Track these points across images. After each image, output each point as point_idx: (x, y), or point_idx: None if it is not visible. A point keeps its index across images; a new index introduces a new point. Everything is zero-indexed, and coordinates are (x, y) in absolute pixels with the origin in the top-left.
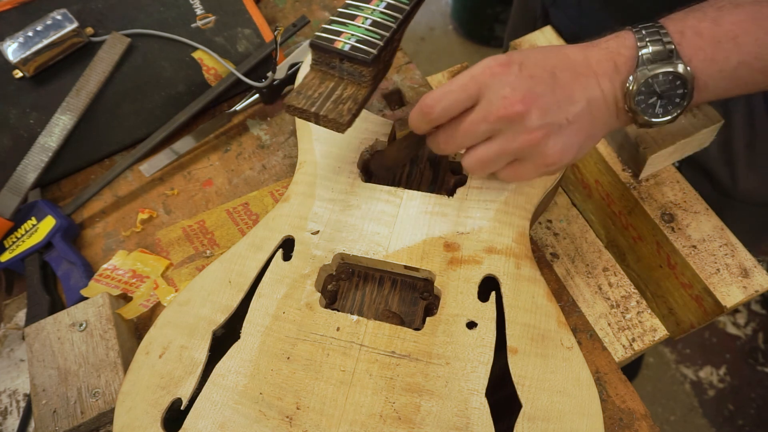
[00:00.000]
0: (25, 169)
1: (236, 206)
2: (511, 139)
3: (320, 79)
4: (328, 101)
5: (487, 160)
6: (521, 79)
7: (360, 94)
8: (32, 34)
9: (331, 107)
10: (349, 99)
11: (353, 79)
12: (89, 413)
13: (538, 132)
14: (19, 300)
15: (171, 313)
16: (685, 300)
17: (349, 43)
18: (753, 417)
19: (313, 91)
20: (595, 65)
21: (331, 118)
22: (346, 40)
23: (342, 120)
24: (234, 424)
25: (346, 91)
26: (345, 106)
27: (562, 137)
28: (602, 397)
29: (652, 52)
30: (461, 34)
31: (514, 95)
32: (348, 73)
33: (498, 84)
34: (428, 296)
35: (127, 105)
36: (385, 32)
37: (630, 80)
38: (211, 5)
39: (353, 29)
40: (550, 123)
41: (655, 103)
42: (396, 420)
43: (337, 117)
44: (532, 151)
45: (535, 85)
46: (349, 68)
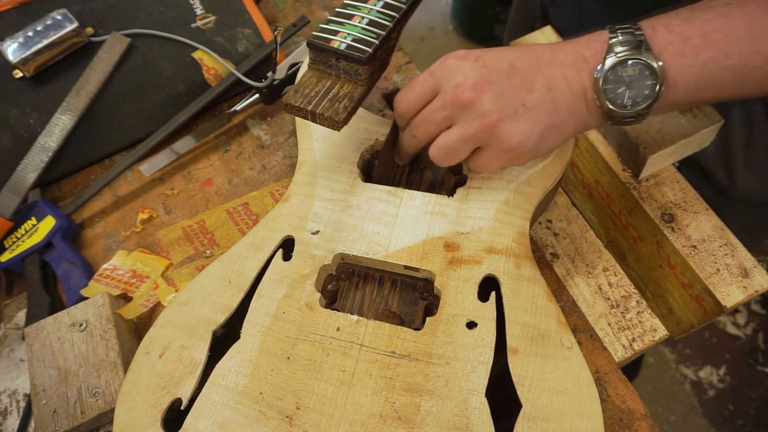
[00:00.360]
0: (25, 169)
1: (236, 206)
2: (467, 125)
3: (317, 77)
4: (325, 99)
5: (447, 147)
6: (475, 68)
7: (356, 92)
8: (32, 34)
9: (328, 105)
10: (345, 97)
11: (349, 77)
12: (89, 413)
13: (491, 116)
14: (19, 300)
15: (171, 313)
16: (685, 300)
17: (345, 42)
18: (753, 417)
19: (310, 90)
20: (561, 57)
21: (327, 116)
22: (342, 39)
23: (338, 118)
24: (234, 424)
25: (343, 90)
26: (341, 104)
27: (519, 122)
28: (602, 397)
29: (621, 40)
30: (461, 34)
31: (466, 82)
32: (344, 71)
33: (452, 74)
34: (428, 296)
35: (127, 105)
36: (381, 31)
37: (598, 69)
38: (211, 5)
39: (350, 28)
40: (504, 107)
41: (623, 94)
42: (396, 420)
43: (333, 115)
44: (489, 136)
45: (489, 73)
46: (346, 67)
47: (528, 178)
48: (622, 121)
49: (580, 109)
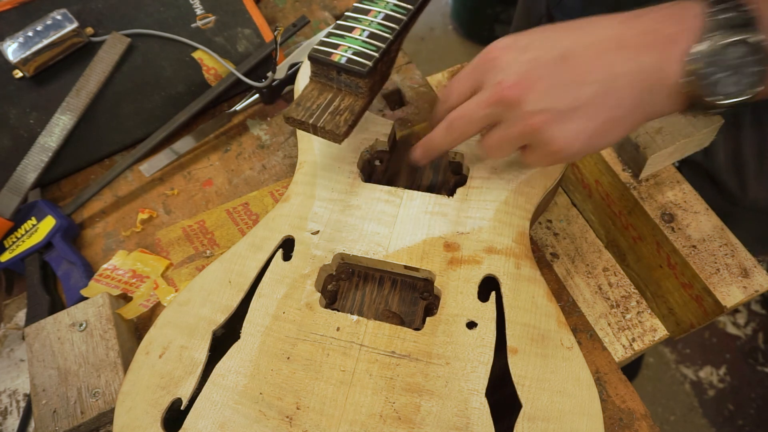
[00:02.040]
0: (25, 169)
1: (236, 206)
2: (510, 126)
3: (319, 90)
4: (326, 113)
5: (493, 146)
6: (520, 61)
7: (357, 105)
8: (32, 34)
9: (329, 118)
10: (346, 110)
11: (350, 90)
12: (89, 413)
13: (535, 117)
14: (19, 300)
15: (171, 313)
16: (685, 300)
17: (345, 56)
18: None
19: (311, 103)
20: (632, 37)
21: (329, 129)
22: (342, 53)
23: (339, 131)
24: (234, 424)
25: (344, 103)
26: (342, 117)
27: (567, 123)
28: (602, 397)
29: (724, 18)
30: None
31: (507, 80)
32: (345, 84)
33: (494, 68)
34: (428, 296)
35: (127, 105)
36: (381, 44)
37: (694, 51)
38: (211, 5)
39: (350, 41)
40: (551, 107)
41: (724, 80)
42: (396, 420)
43: (334, 128)
44: (534, 138)
45: (536, 68)
46: (346, 80)
47: (528, 178)
48: (711, 111)
49: (653, 98)
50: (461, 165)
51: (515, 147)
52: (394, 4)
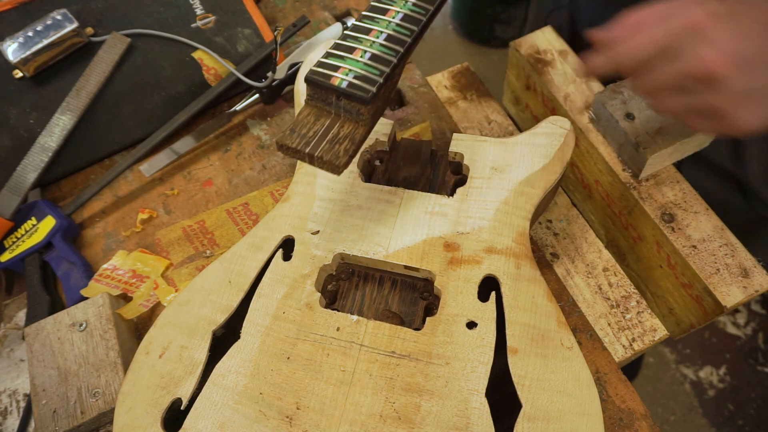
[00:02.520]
0: (25, 169)
1: (236, 206)
2: (701, 101)
3: (315, 116)
4: (324, 141)
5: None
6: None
7: (357, 133)
8: (32, 34)
9: (327, 147)
10: (346, 138)
11: (350, 116)
12: (89, 413)
13: (733, 100)
14: (19, 300)
15: (171, 313)
16: (685, 300)
17: (346, 80)
18: (753, 417)
19: (308, 130)
20: None
21: (327, 160)
22: (343, 76)
23: (338, 162)
24: (234, 424)
25: (343, 130)
26: (342, 146)
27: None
28: (602, 397)
29: None
30: (461, 34)
31: (718, 57)
32: (345, 110)
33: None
34: (428, 296)
35: (127, 105)
36: (384, 67)
37: None
38: (211, 5)
39: (351, 63)
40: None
41: None
42: (396, 420)
43: (333, 159)
44: (721, 116)
45: (748, 47)
46: (347, 106)
47: (528, 178)
48: None
49: None
50: (461, 165)
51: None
52: (397, 24)
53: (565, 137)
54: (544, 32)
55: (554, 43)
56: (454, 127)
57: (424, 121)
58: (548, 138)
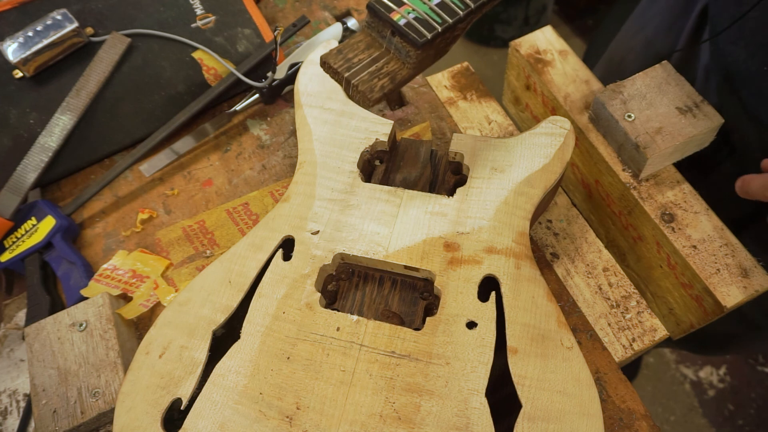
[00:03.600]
0: (25, 169)
1: (236, 206)
2: None
3: (367, 44)
4: (365, 71)
5: None
6: None
7: (400, 74)
8: (32, 34)
9: (366, 78)
10: (386, 76)
11: (399, 55)
12: (89, 413)
13: None
14: (19, 300)
15: (171, 313)
16: (685, 300)
17: (406, 18)
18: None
19: (354, 55)
20: None
21: (361, 90)
22: (404, 14)
23: (371, 95)
24: (234, 424)
25: (387, 66)
26: (380, 81)
27: None
28: (602, 397)
29: None
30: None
31: None
32: (396, 48)
33: None
34: (428, 296)
35: (127, 105)
36: (449, 17)
37: None
38: (211, 5)
39: (417, 3)
40: None
41: None
42: (396, 420)
43: (367, 91)
44: None
45: None
46: (398, 44)
47: (528, 178)
48: None
49: None
50: (461, 165)
51: None
52: None
53: (565, 137)
54: (544, 32)
55: (554, 43)
56: (454, 127)
57: (424, 121)
58: (548, 138)
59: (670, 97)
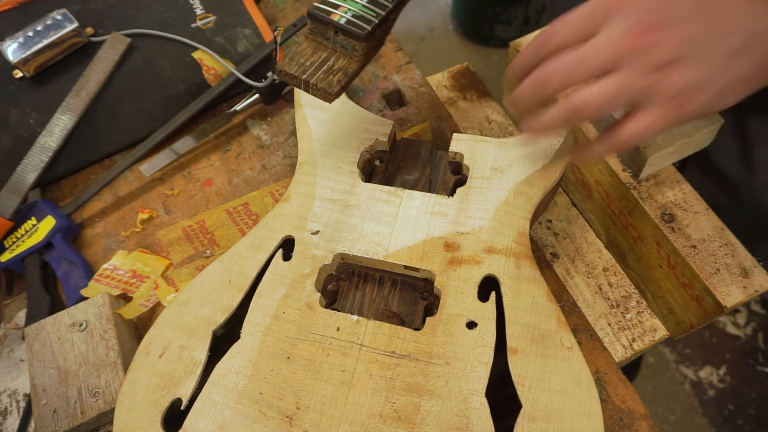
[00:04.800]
0: (25, 169)
1: (236, 206)
2: (635, 76)
3: (313, 48)
4: (319, 71)
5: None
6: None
7: (351, 67)
8: (32, 34)
9: (322, 77)
10: (339, 71)
11: (345, 52)
12: (89, 413)
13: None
14: (19, 300)
15: (171, 313)
16: (685, 300)
17: (345, 17)
18: (753, 417)
19: (305, 60)
20: None
21: (321, 87)
22: (342, 14)
23: (331, 90)
24: (234, 424)
25: (338, 63)
26: (335, 77)
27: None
28: (602, 397)
29: None
30: (461, 34)
31: (642, 24)
32: (341, 45)
33: (620, 12)
34: (428, 296)
35: (127, 105)
36: (381, 11)
37: None
38: (211, 5)
39: (351, 4)
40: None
41: None
42: (396, 420)
43: (327, 87)
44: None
45: (673, 13)
46: (343, 41)
47: (528, 178)
48: None
49: None
50: (461, 165)
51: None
52: None
53: (565, 137)
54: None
55: None
56: (454, 127)
57: (424, 121)
58: (548, 138)
59: None
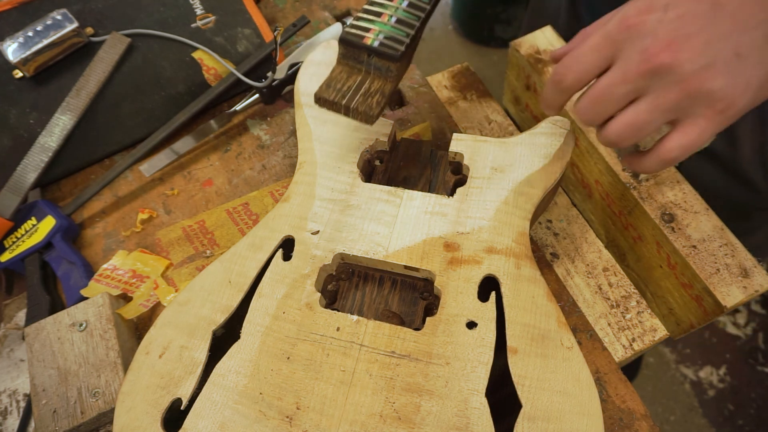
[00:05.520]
0: (25, 169)
1: (236, 206)
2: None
3: (348, 73)
4: (358, 94)
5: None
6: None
7: (387, 88)
8: (32, 34)
9: (361, 100)
10: (377, 93)
11: (380, 73)
12: (89, 413)
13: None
14: (19, 300)
15: (171, 313)
16: (685, 300)
17: (378, 40)
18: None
19: (342, 84)
20: None
21: (362, 111)
22: (375, 36)
23: (372, 113)
24: (234, 424)
25: (374, 85)
26: (374, 99)
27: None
28: (602, 397)
29: None
30: (461, 34)
31: (656, 44)
32: (375, 68)
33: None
34: (428, 296)
35: (127, 105)
36: (410, 30)
37: None
38: (211, 5)
39: (380, 26)
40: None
41: None
42: (396, 420)
43: (368, 110)
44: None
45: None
46: (377, 63)
47: (528, 178)
48: None
49: None
50: (461, 165)
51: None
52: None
53: (565, 137)
54: (544, 32)
55: (554, 43)
56: (454, 127)
57: (424, 121)
58: (548, 138)
59: None
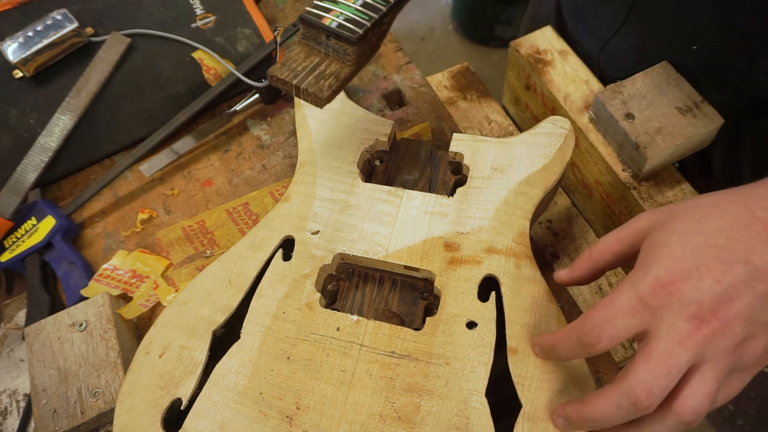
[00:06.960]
0: (25, 169)
1: (236, 206)
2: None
3: (306, 53)
4: (311, 75)
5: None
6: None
7: (343, 72)
8: (32, 34)
9: (313, 81)
10: (331, 76)
11: (338, 56)
12: (89, 413)
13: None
14: (19, 300)
15: (171, 313)
16: None
17: (336, 21)
18: (753, 417)
19: (297, 64)
20: None
21: (311, 92)
22: (334, 18)
23: (321, 95)
24: (234, 424)
25: (330, 68)
26: (326, 82)
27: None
28: None
29: None
30: (461, 34)
31: (702, 311)
32: (333, 50)
33: (677, 303)
34: (428, 296)
35: (127, 105)
36: (374, 14)
37: None
38: (211, 5)
39: (343, 8)
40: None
41: None
42: (396, 420)
43: (317, 92)
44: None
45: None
46: (335, 45)
47: (528, 178)
48: None
49: None
50: (461, 165)
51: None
52: None
53: (565, 137)
54: (544, 32)
55: (554, 43)
56: (454, 127)
57: (424, 121)
58: (548, 138)
59: (670, 97)
